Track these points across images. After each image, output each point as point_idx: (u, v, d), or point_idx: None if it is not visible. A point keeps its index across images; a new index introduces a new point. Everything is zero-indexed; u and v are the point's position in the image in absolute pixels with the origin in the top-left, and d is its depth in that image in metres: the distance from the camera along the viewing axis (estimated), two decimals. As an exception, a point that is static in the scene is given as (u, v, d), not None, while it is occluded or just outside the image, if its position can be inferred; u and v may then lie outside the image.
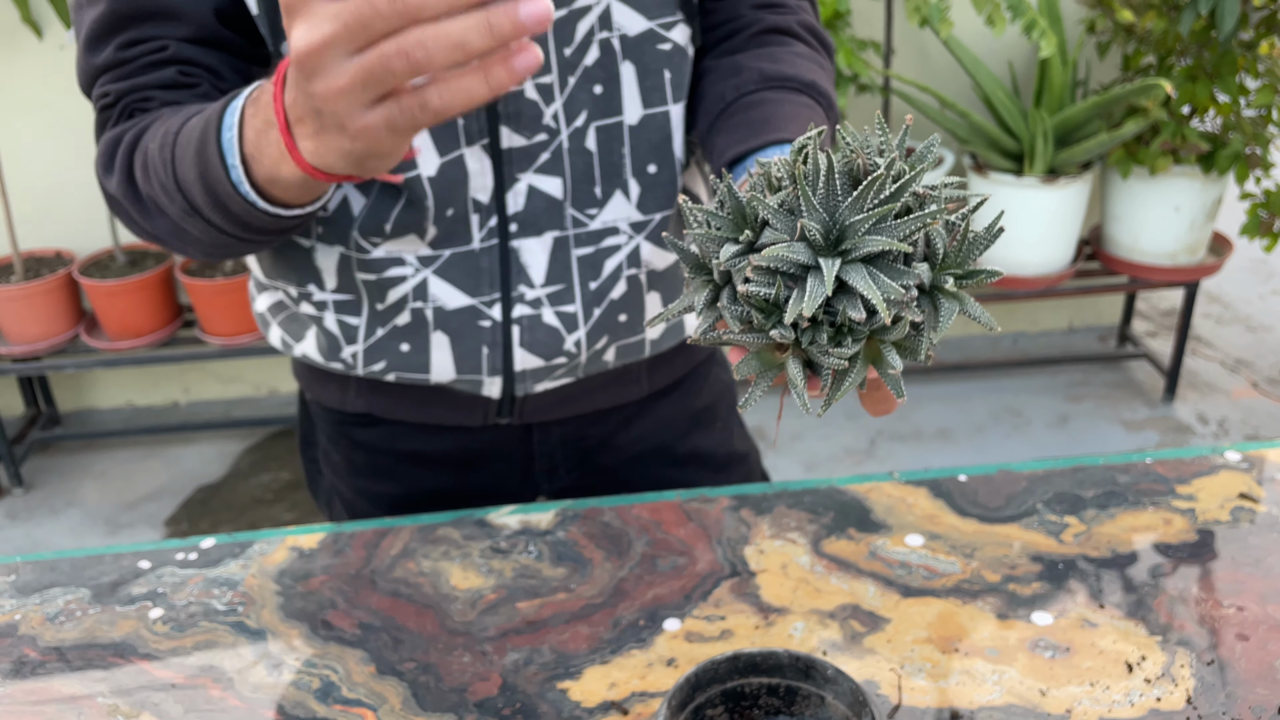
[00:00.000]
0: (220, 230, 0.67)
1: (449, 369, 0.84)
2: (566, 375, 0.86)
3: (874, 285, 0.43)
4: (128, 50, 0.71)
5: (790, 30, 0.81)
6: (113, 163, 0.72)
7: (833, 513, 0.82)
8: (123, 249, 2.50)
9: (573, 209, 0.79)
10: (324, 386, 0.92)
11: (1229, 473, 0.84)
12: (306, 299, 0.85)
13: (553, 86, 0.75)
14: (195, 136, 0.64)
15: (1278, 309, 3.08)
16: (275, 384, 2.87)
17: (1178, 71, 2.28)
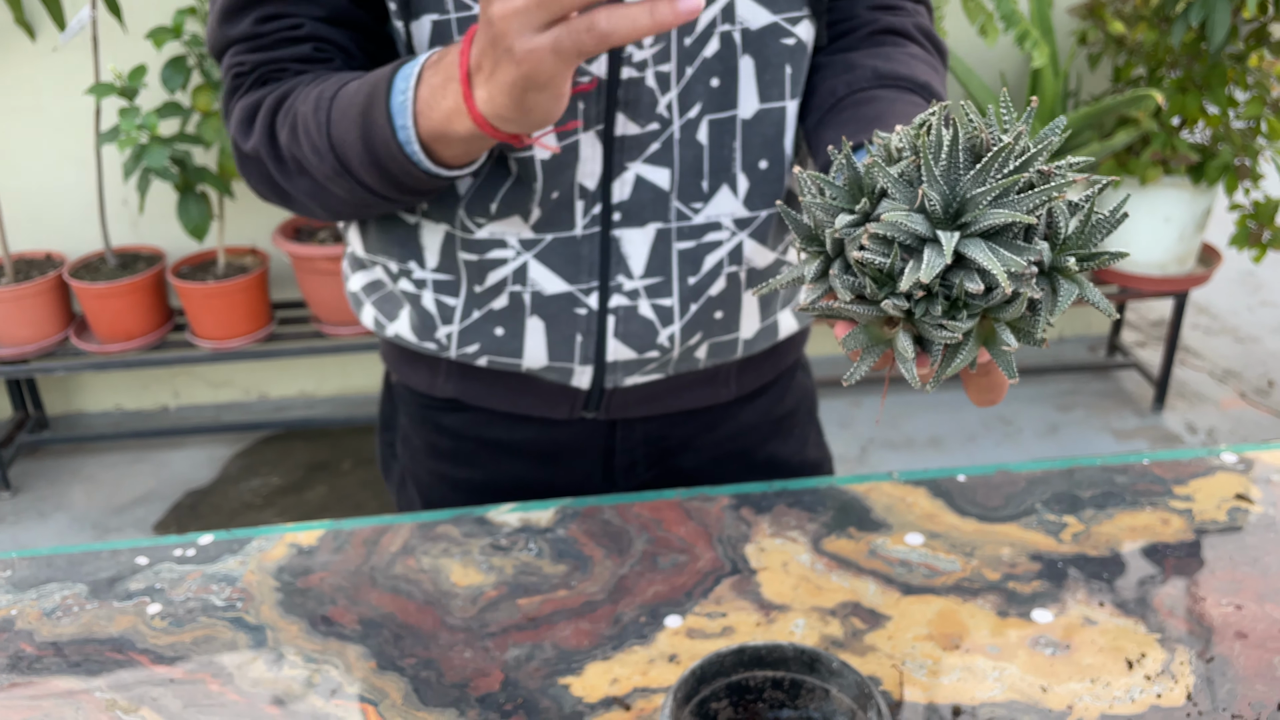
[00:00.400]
0: (368, 189, 0.71)
1: (542, 355, 0.83)
2: (657, 370, 0.86)
3: (994, 258, 0.43)
4: (264, 25, 0.74)
5: (906, 31, 0.80)
6: (252, 124, 0.75)
7: (832, 511, 0.83)
8: (114, 251, 2.49)
9: (678, 201, 0.79)
10: (413, 369, 0.92)
11: (1225, 474, 0.85)
12: (406, 276, 0.85)
13: (670, 76, 0.75)
14: (359, 100, 0.67)
15: (1265, 320, 3.11)
16: (265, 388, 2.86)
17: (1168, 83, 2.30)
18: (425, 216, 0.81)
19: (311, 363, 2.83)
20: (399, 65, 0.67)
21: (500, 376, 0.89)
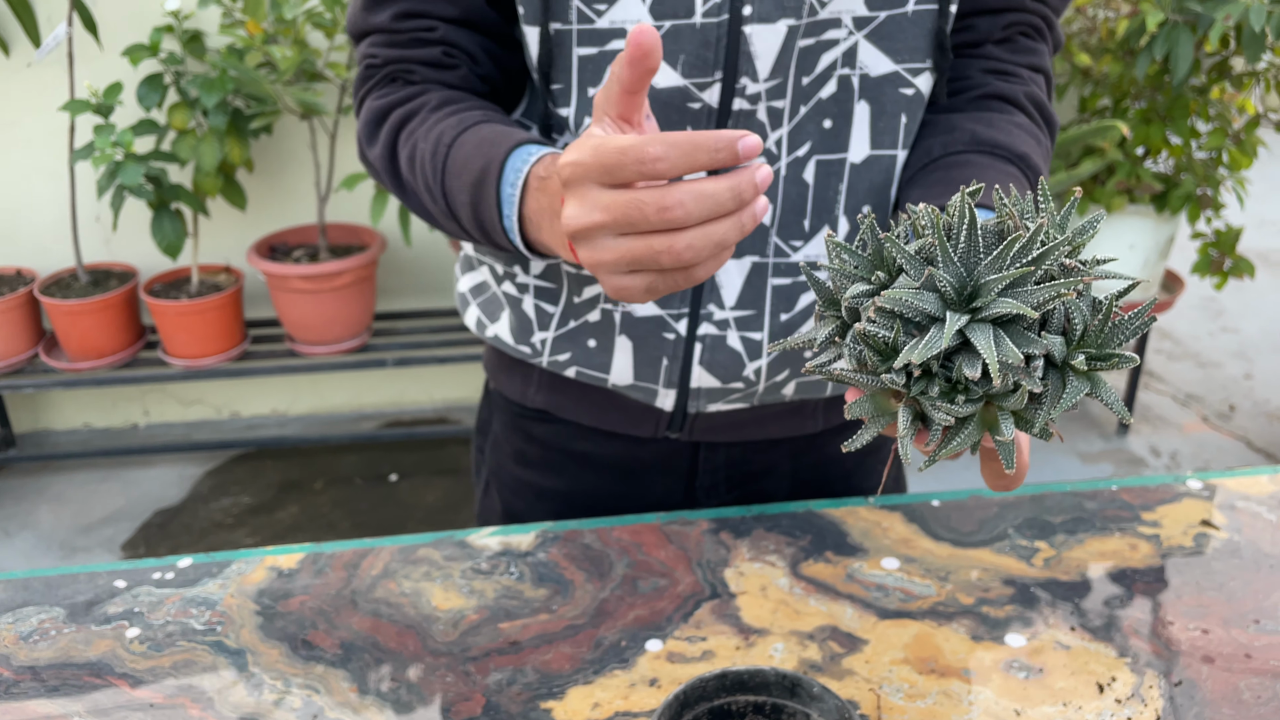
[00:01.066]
0: (468, 235, 0.75)
1: (628, 373, 0.85)
2: (741, 400, 0.86)
3: (993, 346, 0.43)
4: (402, 21, 0.77)
5: (1015, 99, 0.80)
6: (377, 135, 0.79)
7: (810, 536, 0.84)
8: (85, 268, 2.47)
9: (777, 238, 0.80)
10: (509, 377, 0.95)
11: (1191, 500, 0.87)
12: (510, 279, 0.87)
13: (783, 112, 0.75)
14: (475, 168, 0.69)
15: (1226, 346, 3.17)
16: (237, 406, 2.84)
17: (1133, 114, 2.35)
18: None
19: (284, 381, 2.82)
20: (512, 148, 0.68)
21: (588, 390, 0.90)
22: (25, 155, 2.49)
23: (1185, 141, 2.33)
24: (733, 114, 0.75)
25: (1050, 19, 0.83)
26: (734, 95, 0.74)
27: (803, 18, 0.72)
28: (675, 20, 0.72)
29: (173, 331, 2.39)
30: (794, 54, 0.73)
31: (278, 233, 2.56)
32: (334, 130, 2.43)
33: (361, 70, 0.82)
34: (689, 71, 0.73)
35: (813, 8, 0.72)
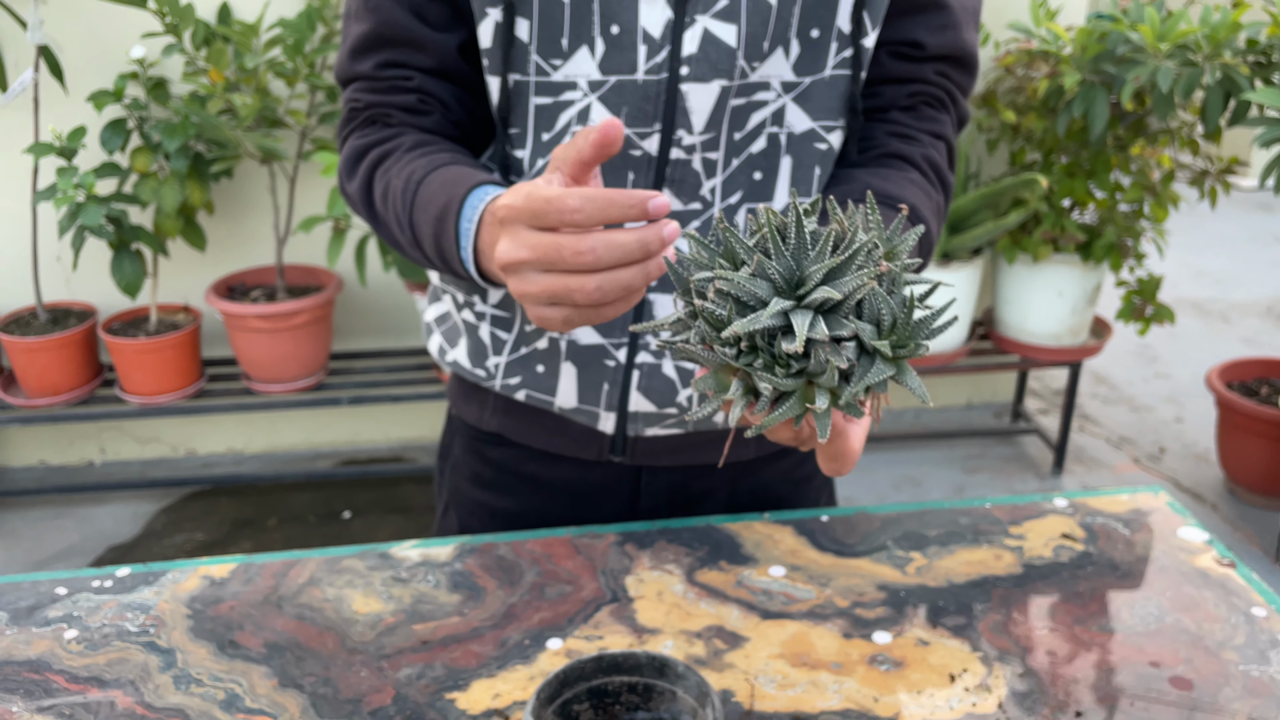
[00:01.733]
0: (431, 263, 0.82)
1: (572, 397, 0.92)
2: (676, 426, 0.93)
3: (804, 325, 0.50)
4: (383, 70, 0.86)
5: (912, 159, 0.88)
6: (356, 170, 0.88)
7: (708, 547, 0.91)
8: (45, 307, 2.52)
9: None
10: (467, 402, 1.02)
11: (1055, 516, 0.95)
12: (469, 308, 0.95)
13: (716, 163, 0.84)
14: (439, 204, 0.77)
15: (1159, 391, 3.29)
16: (194, 444, 2.88)
17: (1058, 168, 2.48)
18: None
19: (241, 419, 2.86)
20: (471, 188, 0.76)
21: (538, 414, 0.97)
22: (-12, 196, 2.54)
23: (1108, 194, 2.46)
24: (670, 162, 0.84)
25: (953, 93, 0.92)
26: (671, 145, 0.83)
27: (734, 80, 0.81)
28: (620, 76, 0.81)
29: (130, 369, 2.43)
30: (726, 111, 0.83)
31: (236, 273, 2.62)
32: (293, 174, 2.51)
33: (346, 112, 0.91)
34: (631, 122, 0.82)
35: (744, 71, 0.81)
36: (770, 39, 0.81)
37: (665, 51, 0.80)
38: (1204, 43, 2.03)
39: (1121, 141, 2.42)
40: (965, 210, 2.50)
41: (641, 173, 0.84)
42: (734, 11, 0.79)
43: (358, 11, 0.87)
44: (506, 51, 0.83)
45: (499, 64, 0.83)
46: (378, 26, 0.86)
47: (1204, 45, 2.03)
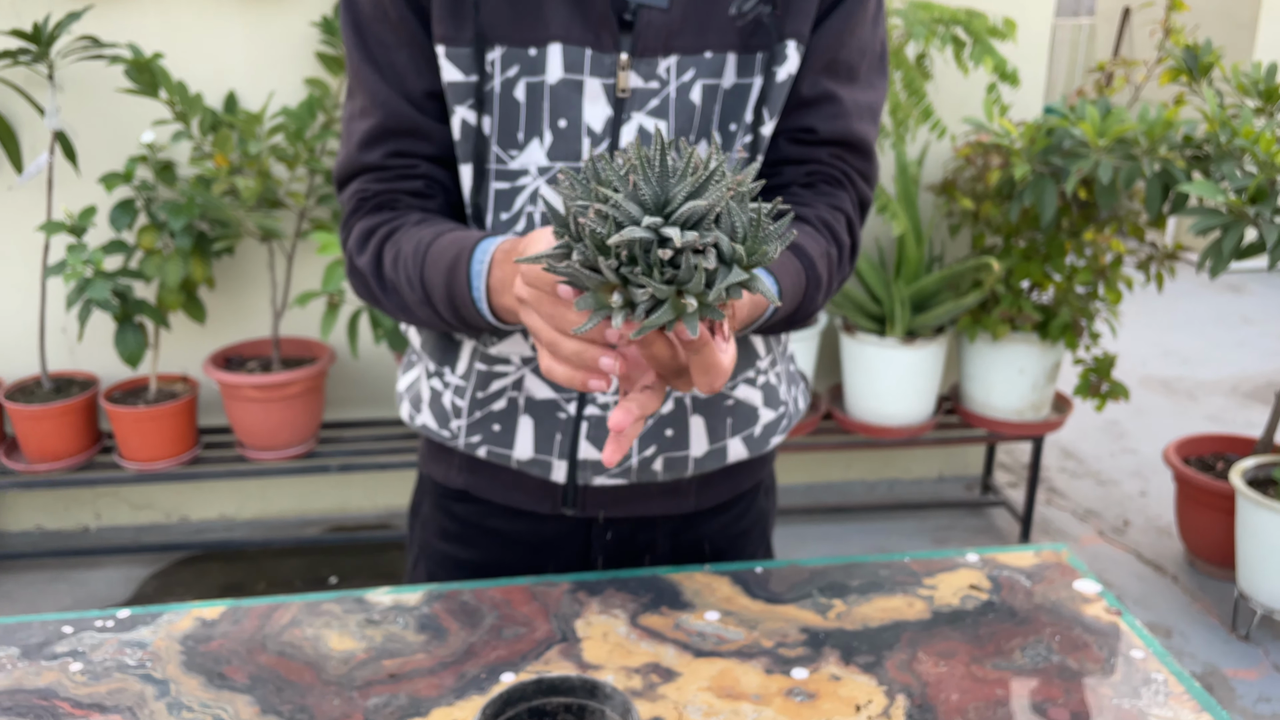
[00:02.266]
0: (441, 318, 0.91)
1: (529, 448, 1.03)
2: (620, 476, 1.04)
3: (679, 234, 0.60)
4: (391, 159, 0.97)
5: (806, 218, 0.99)
6: (366, 245, 0.97)
7: (652, 594, 1.01)
8: (50, 376, 2.63)
9: None
10: (435, 462, 1.13)
11: (966, 569, 1.05)
12: (439, 377, 1.06)
13: None
14: (449, 256, 0.87)
15: (1125, 465, 3.39)
16: (186, 510, 2.96)
17: (1015, 251, 2.62)
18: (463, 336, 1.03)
19: (233, 485, 2.95)
20: (479, 240, 0.87)
21: (498, 471, 1.08)
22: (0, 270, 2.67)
23: (1064, 277, 2.60)
24: None
25: (850, 175, 1.02)
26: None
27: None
28: (566, 163, 0.93)
29: (128, 436, 2.53)
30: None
31: (234, 345, 2.74)
32: (291, 252, 2.64)
33: (352, 204, 1.00)
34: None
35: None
36: (695, 133, 0.94)
37: (605, 144, 0.93)
38: (1142, 139, 2.19)
39: (1074, 227, 2.57)
40: (928, 290, 2.64)
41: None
42: (664, 110, 0.93)
43: (364, 109, 0.99)
44: (474, 143, 0.95)
45: (468, 154, 0.96)
46: (385, 120, 0.97)
47: (1142, 141, 2.19)
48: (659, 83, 0.93)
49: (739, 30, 0.94)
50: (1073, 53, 6.91)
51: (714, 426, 1.06)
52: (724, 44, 0.94)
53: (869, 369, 2.70)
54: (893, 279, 2.70)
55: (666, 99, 0.93)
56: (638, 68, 0.93)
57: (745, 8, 0.94)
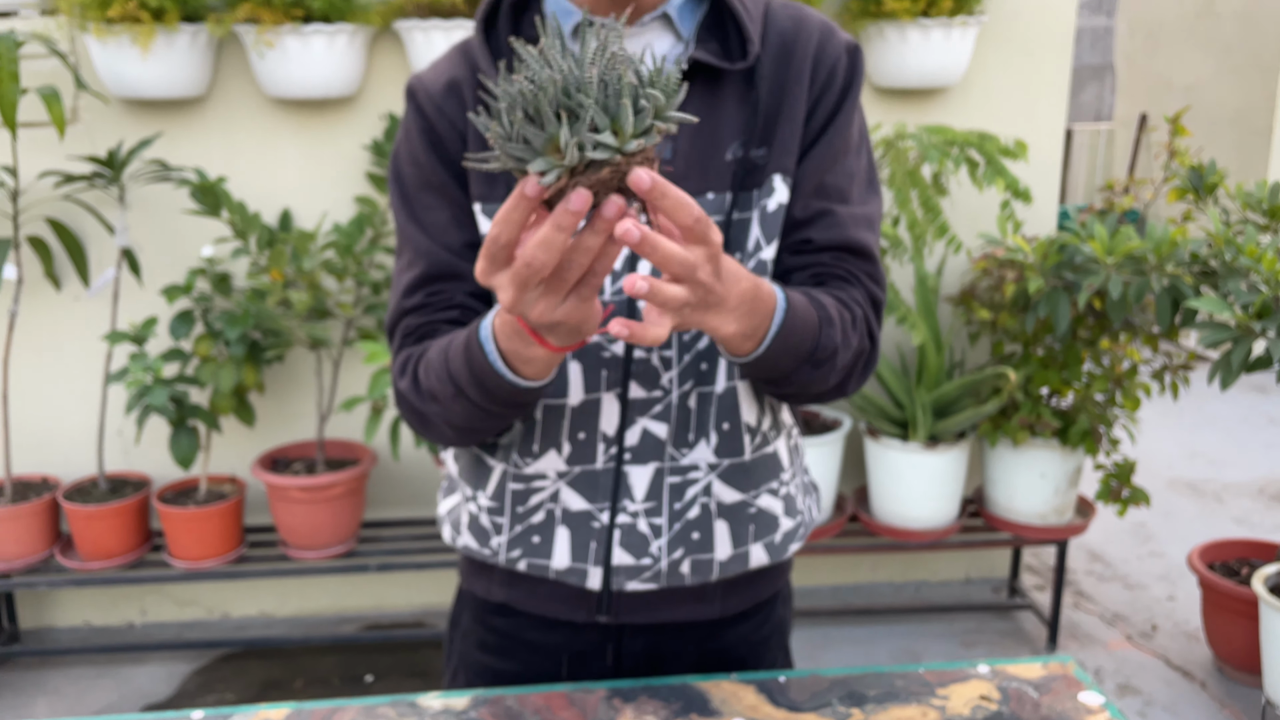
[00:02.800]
0: (476, 405, 0.99)
1: (565, 557, 1.12)
2: (651, 580, 1.12)
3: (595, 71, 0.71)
4: (431, 298, 1.08)
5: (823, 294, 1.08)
6: (406, 370, 1.06)
7: (682, 701, 1.08)
8: (106, 477, 2.75)
9: (671, 448, 1.10)
10: (476, 578, 1.21)
11: (977, 680, 1.12)
12: (473, 501, 1.16)
13: (672, 357, 1.08)
14: (461, 342, 0.97)
15: (1152, 569, 3.41)
16: (228, 607, 3.05)
17: (1033, 359, 2.71)
18: (496, 459, 1.13)
19: (275, 584, 3.04)
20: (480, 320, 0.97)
21: (536, 583, 1.16)
22: (64, 376, 2.82)
23: (1081, 384, 2.67)
24: (634, 360, 1.06)
25: (856, 274, 1.10)
26: (633, 349, 1.06)
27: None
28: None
29: (178, 535, 2.64)
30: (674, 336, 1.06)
31: (280, 447, 2.86)
32: (337, 358, 2.78)
33: (398, 343, 1.10)
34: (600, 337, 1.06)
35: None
36: None
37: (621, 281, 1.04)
38: (1150, 255, 2.29)
39: (1090, 335, 2.65)
40: (949, 397, 2.72)
41: (612, 369, 1.07)
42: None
43: (409, 263, 1.11)
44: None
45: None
46: (427, 268, 1.09)
47: (1150, 258, 2.29)
48: None
49: (734, 173, 1.06)
50: (1092, 157, 7.08)
51: (737, 532, 1.14)
52: (723, 185, 1.06)
53: (893, 473, 2.77)
54: (914, 385, 2.78)
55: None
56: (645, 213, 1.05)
57: (739, 153, 1.06)
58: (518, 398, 0.98)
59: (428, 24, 2.55)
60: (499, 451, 1.13)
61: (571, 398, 1.08)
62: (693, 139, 1.05)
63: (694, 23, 1.09)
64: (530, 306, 0.81)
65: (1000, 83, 2.91)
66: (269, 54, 2.54)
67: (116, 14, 2.41)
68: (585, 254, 0.77)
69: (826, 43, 1.09)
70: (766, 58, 1.07)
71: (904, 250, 2.66)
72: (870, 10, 2.67)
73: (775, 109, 1.07)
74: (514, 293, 0.79)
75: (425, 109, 1.09)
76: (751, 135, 1.06)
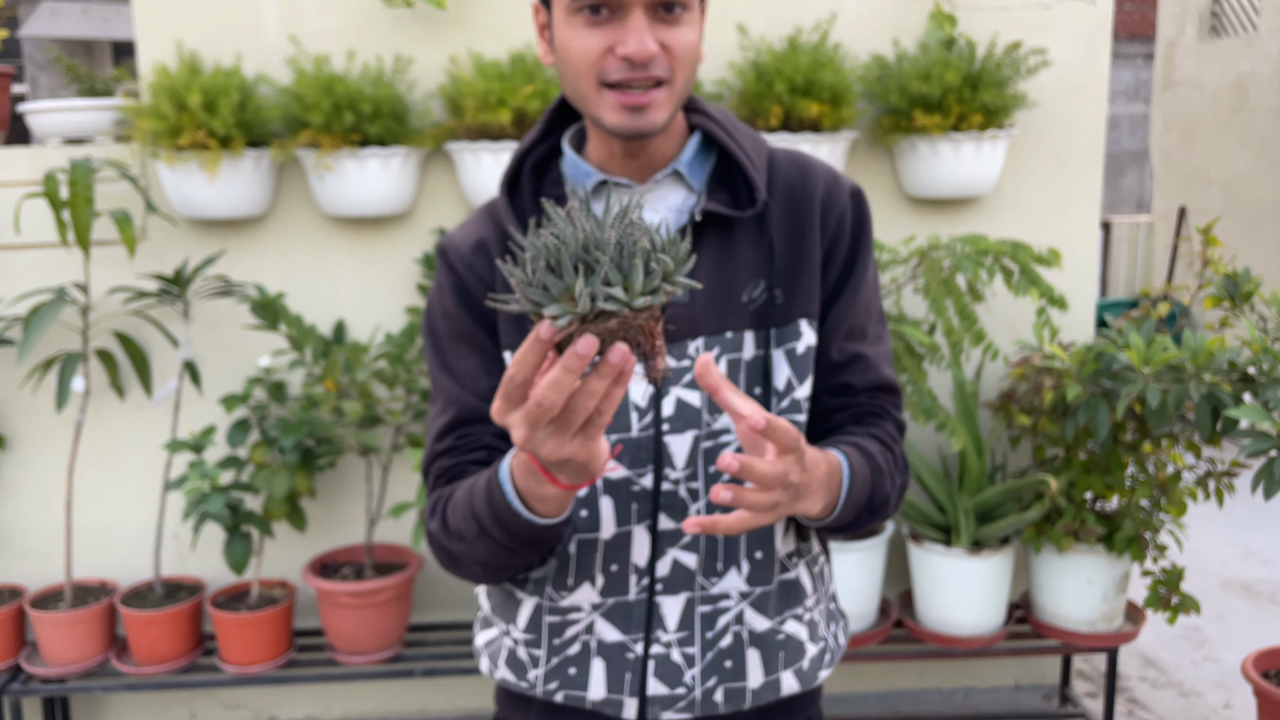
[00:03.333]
0: (498, 543, 1.03)
1: (602, 688, 1.15)
2: (686, 710, 1.15)
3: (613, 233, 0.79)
4: (460, 440, 1.14)
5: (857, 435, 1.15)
6: (436, 511, 1.12)
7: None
8: (162, 581, 2.82)
9: (701, 577, 1.14)
10: (513, 709, 1.24)
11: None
12: (508, 634, 1.20)
13: (699, 489, 1.12)
14: (483, 483, 1.02)
15: (1208, 675, 3.33)
16: (275, 711, 3.08)
17: (1076, 463, 2.71)
18: (526, 592, 1.16)
19: (322, 687, 3.07)
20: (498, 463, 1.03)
21: (574, 714, 1.19)
22: (122, 482, 2.92)
23: (1122, 491, 2.66)
24: (663, 493, 1.11)
25: (886, 409, 1.19)
26: (662, 479, 1.11)
27: (702, 429, 1.10)
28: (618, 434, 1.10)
29: (230, 640, 2.69)
30: (699, 453, 1.11)
31: (329, 551, 2.92)
32: (387, 464, 2.85)
33: (430, 484, 1.17)
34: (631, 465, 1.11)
35: (708, 423, 1.10)
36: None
37: (649, 416, 1.10)
38: (1188, 364, 2.31)
39: (1133, 441, 2.65)
40: (991, 502, 2.72)
41: (642, 502, 1.11)
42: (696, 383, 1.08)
43: (442, 408, 1.17)
44: None
45: None
46: (457, 414, 1.15)
47: (1188, 366, 2.31)
48: (690, 360, 1.11)
49: (752, 313, 1.12)
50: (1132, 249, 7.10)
51: (768, 660, 1.17)
52: (740, 324, 1.13)
53: (937, 578, 2.76)
54: (956, 490, 2.79)
55: None
56: (671, 350, 1.11)
57: (754, 295, 1.13)
58: (536, 535, 1.03)
59: (476, 145, 2.67)
60: (529, 585, 1.18)
61: (604, 531, 1.13)
62: (710, 282, 1.12)
63: (704, 176, 1.16)
64: (541, 444, 0.86)
65: (1033, 191, 2.97)
66: (327, 176, 2.68)
67: (186, 142, 2.56)
68: (591, 397, 0.83)
69: (833, 190, 1.17)
70: (775, 204, 1.15)
71: (941, 357, 2.70)
72: (902, 125, 2.76)
73: (790, 254, 1.14)
74: (526, 430, 0.84)
75: (456, 266, 1.17)
76: (768, 277, 1.12)
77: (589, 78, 1.06)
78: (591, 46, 1.04)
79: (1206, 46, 6.43)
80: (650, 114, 1.06)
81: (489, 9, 2.81)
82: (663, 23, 1.04)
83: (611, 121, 1.06)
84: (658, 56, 1.04)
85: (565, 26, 1.06)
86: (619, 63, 1.04)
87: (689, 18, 1.06)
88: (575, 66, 1.06)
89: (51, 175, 2.48)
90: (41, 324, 2.49)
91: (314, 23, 2.78)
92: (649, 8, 1.03)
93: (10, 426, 2.91)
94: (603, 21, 1.04)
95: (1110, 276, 7.27)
